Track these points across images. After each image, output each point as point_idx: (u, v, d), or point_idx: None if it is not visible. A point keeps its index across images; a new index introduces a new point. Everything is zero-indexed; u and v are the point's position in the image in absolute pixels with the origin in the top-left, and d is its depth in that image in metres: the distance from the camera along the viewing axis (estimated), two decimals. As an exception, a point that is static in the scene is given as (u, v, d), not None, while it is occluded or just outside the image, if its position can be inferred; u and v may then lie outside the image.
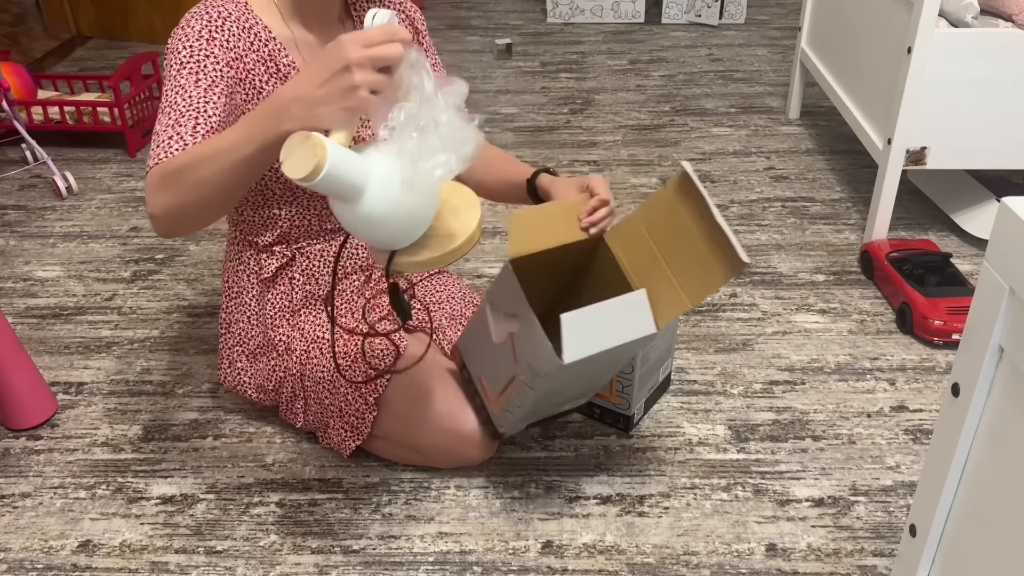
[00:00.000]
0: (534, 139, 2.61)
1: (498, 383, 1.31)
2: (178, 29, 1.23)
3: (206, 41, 1.21)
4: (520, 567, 1.28)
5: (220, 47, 1.22)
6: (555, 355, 1.15)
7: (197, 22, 1.22)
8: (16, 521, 1.37)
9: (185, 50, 1.20)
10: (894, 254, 1.86)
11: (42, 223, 2.21)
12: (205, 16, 1.22)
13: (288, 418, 1.48)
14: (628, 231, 1.32)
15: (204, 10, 1.23)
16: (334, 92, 0.93)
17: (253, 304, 1.45)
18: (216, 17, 1.23)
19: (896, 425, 1.53)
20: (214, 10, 1.24)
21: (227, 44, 1.23)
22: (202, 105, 1.17)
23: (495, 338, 1.28)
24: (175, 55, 1.21)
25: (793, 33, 3.44)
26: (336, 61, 0.92)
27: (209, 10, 1.23)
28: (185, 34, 1.21)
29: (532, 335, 1.19)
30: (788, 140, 2.58)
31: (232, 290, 1.46)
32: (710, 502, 1.38)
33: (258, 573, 1.28)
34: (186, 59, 1.20)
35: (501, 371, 1.29)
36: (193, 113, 1.16)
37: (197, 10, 1.24)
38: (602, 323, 1.17)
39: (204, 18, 1.22)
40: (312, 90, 0.94)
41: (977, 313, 0.71)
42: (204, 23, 1.22)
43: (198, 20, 1.22)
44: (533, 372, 1.21)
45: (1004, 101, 1.83)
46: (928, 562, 0.83)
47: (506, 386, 1.30)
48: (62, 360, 1.73)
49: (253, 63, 1.26)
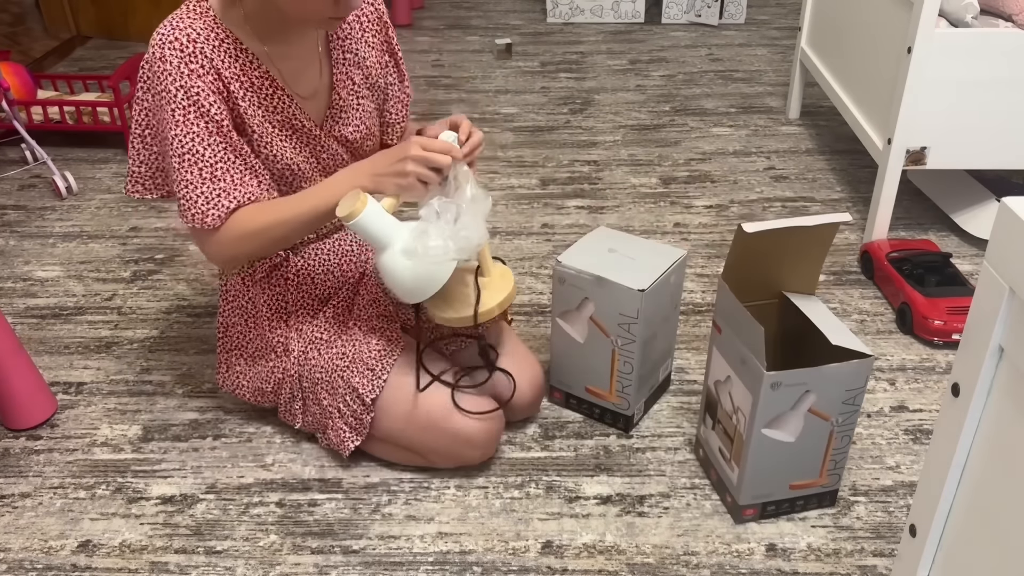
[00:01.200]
0: (534, 139, 2.61)
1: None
2: (156, 61, 1.21)
3: (187, 76, 1.21)
4: (520, 567, 1.28)
5: (201, 79, 1.22)
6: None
7: (172, 54, 1.21)
8: (16, 521, 1.37)
9: (180, 92, 1.21)
10: (894, 254, 1.86)
11: (42, 223, 2.21)
12: (176, 45, 1.21)
13: (287, 419, 1.48)
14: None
15: (173, 36, 1.22)
16: (392, 172, 1.24)
17: (249, 306, 1.45)
18: (187, 42, 1.22)
19: (896, 425, 1.53)
20: (183, 34, 1.22)
21: (204, 69, 1.23)
22: (231, 157, 1.25)
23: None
24: (170, 96, 1.21)
25: (793, 33, 3.44)
26: (403, 152, 1.23)
27: (178, 35, 1.22)
28: (167, 71, 1.21)
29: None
30: (788, 140, 2.58)
31: (229, 293, 1.46)
32: (710, 502, 1.38)
33: (258, 573, 1.28)
34: (184, 101, 1.21)
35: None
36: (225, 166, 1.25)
37: (165, 36, 1.22)
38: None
39: (176, 48, 1.21)
40: (381, 167, 1.25)
41: (977, 313, 0.71)
42: (178, 55, 1.21)
43: (172, 52, 1.21)
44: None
45: (1004, 101, 1.83)
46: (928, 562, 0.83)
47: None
48: (62, 360, 1.73)
49: (229, 76, 1.26)
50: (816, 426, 1.26)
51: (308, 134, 1.36)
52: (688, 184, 2.34)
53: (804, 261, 1.35)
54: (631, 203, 2.25)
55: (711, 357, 1.37)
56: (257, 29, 1.28)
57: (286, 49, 1.31)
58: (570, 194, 2.30)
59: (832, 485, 1.35)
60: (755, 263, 1.32)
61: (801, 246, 1.32)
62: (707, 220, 2.17)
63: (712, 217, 2.18)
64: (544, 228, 2.15)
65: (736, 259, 1.30)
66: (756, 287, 1.34)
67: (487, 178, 2.38)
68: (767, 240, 1.26)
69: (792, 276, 1.36)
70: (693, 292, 1.90)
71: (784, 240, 1.28)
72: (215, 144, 1.24)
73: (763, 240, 1.26)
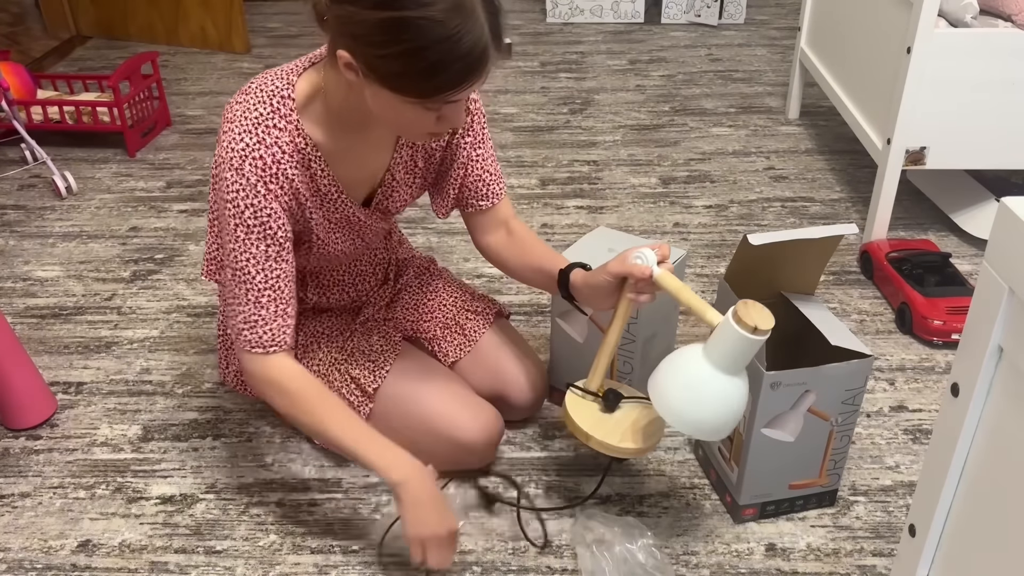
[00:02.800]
0: (534, 139, 2.61)
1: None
2: (232, 171, 1.13)
3: (263, 197, 1.15)
4: (520, 567, 1.28)
5: (278, 199, 1.17)
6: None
7: (252, 172, 1.14)
8: (16, 521, 1.37)
9: (248, 210, 1.14)
10: (894, 254, 1.86)
11: (41, 223, 2.21)
12: (260, 164, 1.14)
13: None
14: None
15: (258, 153, 1.14)
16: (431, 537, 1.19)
17: None
18: (271, 163, 1.15)
19: (896, 425, 1.53)
20: (268, 153, 1.14)
21: (283, 190, 1.17)
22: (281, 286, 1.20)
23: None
24: (237, 211, 1.15)
25: (793, 33, 3.44)
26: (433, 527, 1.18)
27: (264, 154, 1.14)
28: (241, 186, 1.14)
29: None
30: (788, 140, 2.58)
31: None
32: (710, 502, 1.38)
33: (258, 573, 1.28)
34: (250, 220, 1.15)
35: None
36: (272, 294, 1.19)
37: (248, 148, 1.14)
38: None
39: (259, 166, 1.14)
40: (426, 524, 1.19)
41: (977, 313, 0.71)
42: (258, 173, 1.14)
43: (253, 170, 1.14)
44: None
45: (1004, 101, 1.83)
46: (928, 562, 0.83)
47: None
48: (62, 360, 1.73)
49: (303, 191, 1.21)
50: (816, 426, 1.26)
51: (360, 222, 1.32)
52: (688, 184, 2.34)
53: (806, 266, 1.35)
54: (631, 203, 2.25)
55: None
56: (336, 123, 1.20)
57: (358, 139, 1.23)
58: (570, 194, 2.30)
59: (832, 485, 1.35)
60: (757, 268, 1.32)
61: (804, 253, 1.32)
62: (707, 220, 2.17)
63: (712, 217, 2.18)
64: (544, 228, 2.15)
65: (739, 266, 1.30)
66: (756, 288, 1.34)
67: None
68: (771, 248, 1.27)
69: (793, 279, 1.36)
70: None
71: (788, 248, 1.28)
72: (269, 270, 1.18)
73: (767, 248, 1.26)
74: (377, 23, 1.00)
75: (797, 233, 1.26)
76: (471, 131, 1.34)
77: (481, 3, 1.02)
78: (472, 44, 1.01)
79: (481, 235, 1.42)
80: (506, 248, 1.40)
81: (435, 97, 1.05)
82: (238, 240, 1.16)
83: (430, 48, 1.00)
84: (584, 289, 1.26)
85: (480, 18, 1.01)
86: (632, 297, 1.20)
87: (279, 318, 1.20)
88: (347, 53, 1.04)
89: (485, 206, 1.38)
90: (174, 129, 2.72)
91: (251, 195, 1.14)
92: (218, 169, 1.16)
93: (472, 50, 1.01)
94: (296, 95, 1.17)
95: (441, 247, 2.07)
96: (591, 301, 1.27)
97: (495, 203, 1.39)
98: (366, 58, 1.03)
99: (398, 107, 1.07)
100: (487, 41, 1.03)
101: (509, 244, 1.40)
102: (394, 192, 1.33)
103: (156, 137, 2.67)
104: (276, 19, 3.74)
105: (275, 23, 3.69)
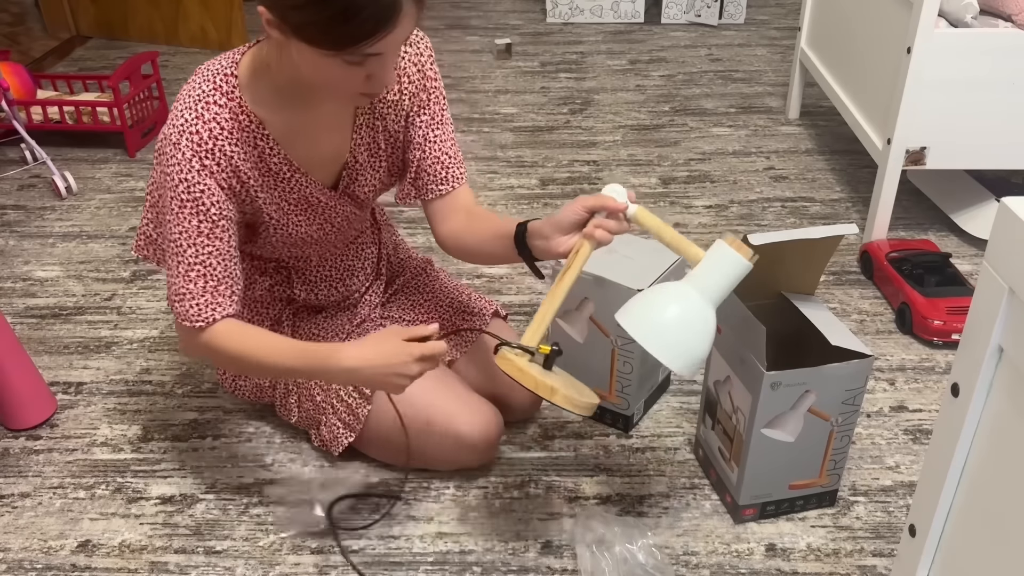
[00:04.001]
0: (534, 139, 2.61)
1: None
2: (170, 144, 1.16)
3: (197, 172, 1.16)
4: (520, 567, 1.28)
5: (213, 176, 1.17)
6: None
7: (188, 146, 1.15)
8: (15, 521, 1.37)
9: (182, 184, 1.16)
10: (894, 254, 1.86)
11: (41, 223, 2.21)
12: (196, 138, 1.15)
13: (283, 415, 1.48)
14: None
15: (195, 128, 1.15)
16: (390, 382, 1.18)
17: (245, 307, 1.44)
18: (208, 137, 1.16)
19: (896, 425, 1.53)
20: (205, 128, 1.15)
21: (219, 167, 1.18)
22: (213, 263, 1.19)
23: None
24: (172, 184, 1.16)
25: (793, 33, 3.44)
26: (400, 361, 1.16)
27: (200, 128, 1.15)
28: (177, 161, 1.15)
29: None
30: (788, 140, 2.58)
31: None
32: (710, 502, 1.38)
33: (258, 573, 1.28)
34: (184, 195, 1.16)
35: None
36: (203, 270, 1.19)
37: (187, 123, 1.15)
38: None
39: (195, 140, 1.15)
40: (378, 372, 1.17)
41: (977, 313, 0.71)
42: (194, 148, 1.15)
43: (189, 144, 1.15)
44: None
45: (1004, 101, 1.83)
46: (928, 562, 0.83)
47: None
48: (61, 360, 1.73)
49: (247, 170, 1.21)
50: (816, 426, 1.26)
51: (323, 204, 1.31)
52: (688, 184, 2.34)
53: (806, 266, 1.35)
54: (631, 203, 2.25)
55: (711, 357, 1.37)
56: (282, 100, 1.20)
57: (309, 117, 1.23)
58: (570, 194, 2.30)
59: (832, 485, 1.35)
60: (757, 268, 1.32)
61: (804, 253, 1.32)
62: (707, 220, 2.17)
63: (712, 217, 2.18)
64: (544, 228, 2.15)
65: None
66: (756, 288, 1.34)
67: (487, 178, 2.38)
68: (771, 248, 1.26)
69: (793, 279, 1.36)
70: (693, 292, 1.90)
71: (788, 248, 1.28)
72: (200, 245, 1.19)
73: (767, 248, 1.26)
74: None
75: (797, 233, 1.26)
76: (427, 109, 1.31)
77: None
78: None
79: (440, 223, 1.36)
80: (465, 230, 1.34)
81: (350, 48, 1.04)
82: (172, 212, 1.18)
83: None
84: (545, 228, 1.20)
85: None
86: (591, 233, 1.16)
87: (207, 294, 1.20)
88: (266, 9, 1.05)
89: (444, 191, 1.34)
90: (174, 129, 2.72)
91: (186, 170, 1.16)
92: (159, 144, 1.19)
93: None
94: (240, 72, 1.18)
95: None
96: (551, 245, 1.19)
97: (455, 187, 1.35)
98: (281, 11, 1.04)
99: (320, 64, 1.07)
100: None
101: (468, 224, 1.34)
102: (359, 176, 1.32)
103: (156, 137, 2.66)
104: (276, 19, 3.74)
105: (275, 23, 3.69)
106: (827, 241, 1.30)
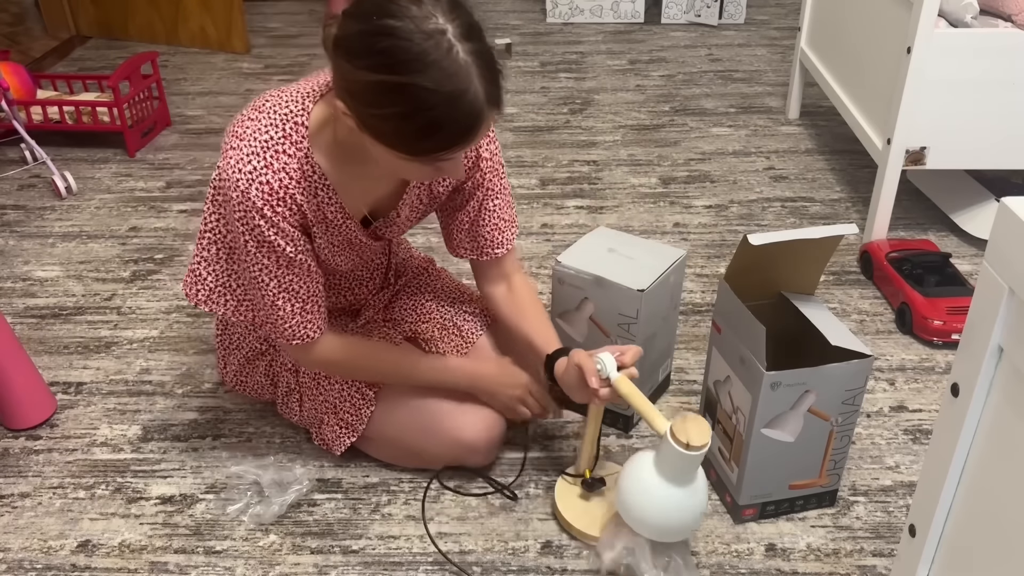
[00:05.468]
0: (534, 139, 2.61)
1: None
2: (238, 193, 1.12)
3: (269, 219, 1.15)
4: (520, 567, 1.28)
5: (285, 220, 1.16)
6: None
7: (259, 196, 1.13)
8: (15, 521, 1.37)
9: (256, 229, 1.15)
10: (894, 254, 1.86)
11: (41, 223, 2.21)
12: (266, 189, 1.13)
13: (285, 413, 1.48)
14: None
15: (265, 179, 1.13)
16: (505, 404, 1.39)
17: None
18: (278, 187, 1.14)
19: (896, 425, 1.53)
20: (275, 179, 1.13)
21: (290, 212, 1.16)
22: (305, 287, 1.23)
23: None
24: (245, 234, 1.15)
25: (793, 33, 3.44)
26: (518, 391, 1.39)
27: (271, 180, 1.13)
28: (246, 209, 1.13)
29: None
30: (788, 140, 2.58)
31: None
32: (710, 502, 1.38)
33: (257, 573, 1.28)
34: (260, 239, 1.16)
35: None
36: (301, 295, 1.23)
37: (256, 172, 1.12)
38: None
39: (265, 191, 1.13)
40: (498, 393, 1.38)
41: (977, 313, 0.71)
42: (264, 198, 1.13)
43: (259, 194, 1.13)
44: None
45: (1004, 101, 1.83)
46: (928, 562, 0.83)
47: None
48: (61, 360, 1.73)
49: (310, 215, 1.20)
50: (816, 426, 1.26)
51: (361, 243, 1.31)
52: (688, 184, 2.34)
53: (806, 266, 1.35)
54: (631, 203, 2.25)
55: (710, 357, 1.37)
56: (344, 154, 1.18)
57: (366, 171, 1.21)
58: (570, 194, 2.30)
59: (832, 485, 1.35)
60: (757, 268, 1.32)
61: (804, 253, 1.32)
62: (707, 220, 2.17)
63: (712, 217, 2.18)
64: (544, 228, 2.15)
65: (739, 266, 1.30)
66: (756, 288, 1.34)
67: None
68: (771, 248, 1.27)
69: (793, 279, 1.36)
70: (692, 292, 1.90)
71: (788, 247, 1.28)
72: (281, 277, 1.20)
73: (767, 248, 1.26)
74: (370, 84, 1.00)
75: (797, 233, 1.26)
76: (481, 187, 1.34)
77: (478, 69, 1.00)
78: (465, 111, 1.00)
79: (483, 282, 1.43)
80: (504, 305, 1.41)
81: (426, 157, 1.05)
82: (249, 253, 1.18)
83: (421, 114, 1.00)
84: (563, 380, 1.32)
85: (475, 84, 1.00)
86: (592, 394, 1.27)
87: (297, 315, 1.23)
88: (343, 105, 1.04)
89: (499, 253, 1.39)
90: (174, 129, 2.72)
91: (257, 217, 1.14)
92: (222, 185, 1.15)
93: (464, 117, 1.01)
94: (310, 123, 1.16)
95: (441, 247, 2.07)
96: (569, 393, 1.32)
97: (508, 249, 1.39)
98: (360, 114, 1.03)
99: (394, 159, 1.07)
100: (481, 107, 1.01)
101: (507, 302, 1.41)
102: (394, 225, 1.34)
103: (156, 137, 2.67)
104: (276, 19, 3.74)
105: (275, 23, 3.69)
106: (827, 241, 1.30)
